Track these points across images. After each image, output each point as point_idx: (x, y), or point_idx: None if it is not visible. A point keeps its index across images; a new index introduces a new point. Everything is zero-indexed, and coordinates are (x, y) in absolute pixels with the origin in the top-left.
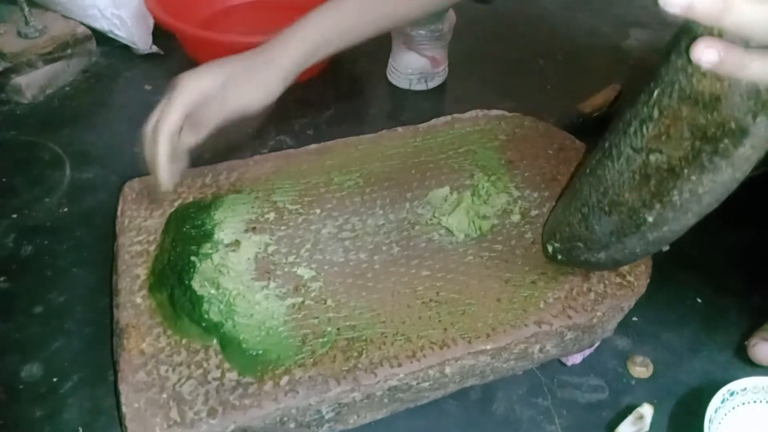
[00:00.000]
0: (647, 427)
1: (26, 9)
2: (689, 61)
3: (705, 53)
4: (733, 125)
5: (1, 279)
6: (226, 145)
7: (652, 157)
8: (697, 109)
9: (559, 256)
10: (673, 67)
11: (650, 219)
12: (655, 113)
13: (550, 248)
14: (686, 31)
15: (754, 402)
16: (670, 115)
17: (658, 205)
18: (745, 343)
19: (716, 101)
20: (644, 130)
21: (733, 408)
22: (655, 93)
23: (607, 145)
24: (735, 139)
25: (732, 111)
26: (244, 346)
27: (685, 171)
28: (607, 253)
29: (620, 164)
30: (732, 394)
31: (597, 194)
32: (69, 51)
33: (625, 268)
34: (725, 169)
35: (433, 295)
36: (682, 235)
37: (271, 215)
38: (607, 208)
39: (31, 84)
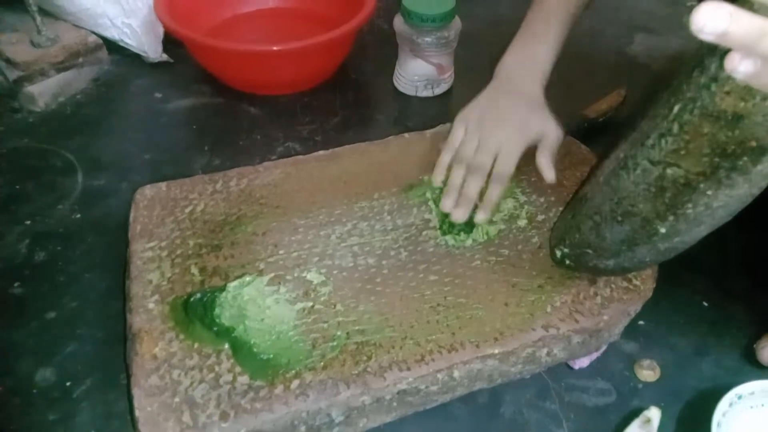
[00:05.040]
0: (654, 431)
1: (38, 19)
2: (714, 79)
3: (742, 63)
4: (753, 144)
5: (15, 285)
6: None
7: (669, 171)
8: (719, 126)
9: (567, 261)
10: (695, 84)
11: (663, 230)
12: (675, 128)
13: (558, 253)
14: (713, 47)
15: (762, 405)
16: (690, 131)
17: (671, 217)
18: (754, 346)
19: (738, 120)
20: (663, 143)
21: (741, 412)
22: (676, 108)
23: (622, 155)
24: (754, 157)
25: (753, 130)
26: (255, 350)
27: (702, 185)
28: (616, 260)
29: (636, 175)
30: (740, 397)
31: (611, 203)
32: (80, 60)
33: (631, 272)
34: (742, 185)
35: (441, 299)
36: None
37: (281, 221)
38: (620, 218)
39: (43, 92)
